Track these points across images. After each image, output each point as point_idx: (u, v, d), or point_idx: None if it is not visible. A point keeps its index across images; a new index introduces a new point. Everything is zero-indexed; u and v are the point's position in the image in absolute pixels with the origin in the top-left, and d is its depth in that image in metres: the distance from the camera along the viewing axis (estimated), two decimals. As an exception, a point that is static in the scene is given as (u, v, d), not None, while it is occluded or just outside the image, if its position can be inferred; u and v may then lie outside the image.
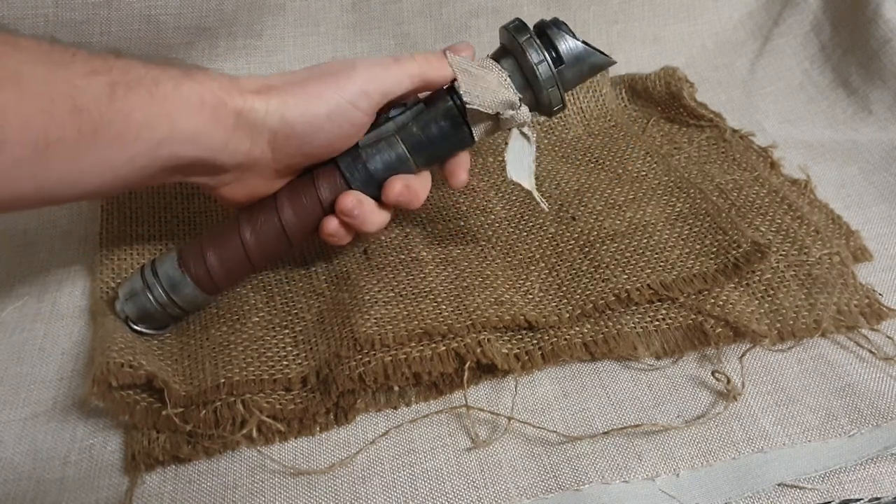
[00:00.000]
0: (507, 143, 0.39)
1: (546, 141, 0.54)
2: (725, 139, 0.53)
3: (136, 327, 0.39)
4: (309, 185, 0.38)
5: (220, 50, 0.54)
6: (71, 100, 0.28)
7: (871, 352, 0.39)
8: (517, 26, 0.37)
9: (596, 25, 0.63)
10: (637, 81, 0.58)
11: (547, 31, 0.37)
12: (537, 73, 0.37)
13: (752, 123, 0.57)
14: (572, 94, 0.57)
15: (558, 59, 0.37)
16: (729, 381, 0.37)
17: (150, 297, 0.37)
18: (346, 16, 0.57)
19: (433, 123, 0.37)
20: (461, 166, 0.40)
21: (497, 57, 0.39)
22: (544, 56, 0.37)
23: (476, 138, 0.38)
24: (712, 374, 0.38)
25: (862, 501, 0.33)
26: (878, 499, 0.33)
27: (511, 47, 0.38)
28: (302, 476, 0.35)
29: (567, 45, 0.37)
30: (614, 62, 0.39)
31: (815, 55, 0.63)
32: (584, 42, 0.37)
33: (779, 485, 0.34)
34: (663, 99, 0.56)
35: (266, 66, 0.56)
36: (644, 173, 0.50)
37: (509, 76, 0.37)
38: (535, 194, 0.40)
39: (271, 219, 0.37)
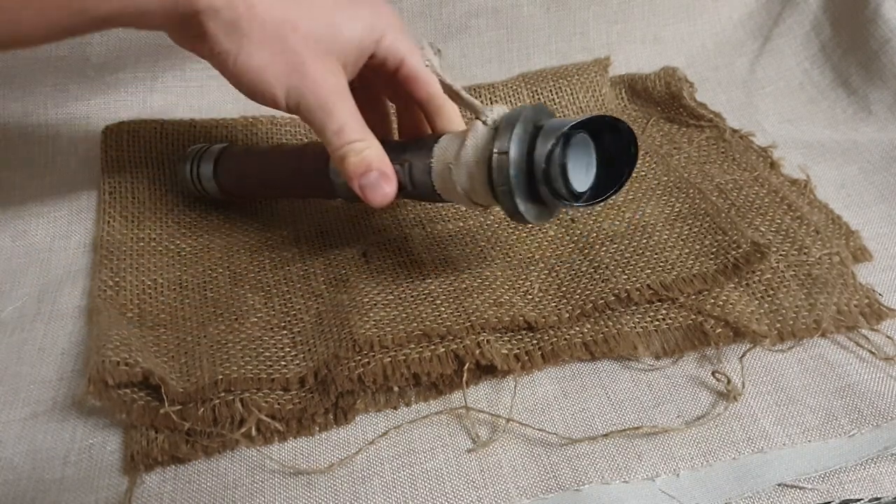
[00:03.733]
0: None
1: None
2: (725, 139, 0.53)
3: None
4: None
5: (219, 50, 0.54)
6: None
7: (871, 352, 0.39)
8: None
9: (596, 25, 0.63)
10: (637, 81, 0.58)
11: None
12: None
13: (752, 123, 0.57)
14: (571, 94, 0.57)
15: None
16: (729, 381, 0.37)
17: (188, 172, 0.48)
18: (346, 16, 0.57)
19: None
20: None
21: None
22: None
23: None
24: (712, 374, 0.38)
25: (862, 501, 0.33)
26: (878, 499, 0.33)
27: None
28: (302, 476, 0.35)
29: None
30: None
31: (815, 55, 0.63)
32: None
33: (779, 485, 0.34)
34: (663, 99, 0.56)
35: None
36: (643, 173, 0.50)
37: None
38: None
39: (287, 161, 0.43)
